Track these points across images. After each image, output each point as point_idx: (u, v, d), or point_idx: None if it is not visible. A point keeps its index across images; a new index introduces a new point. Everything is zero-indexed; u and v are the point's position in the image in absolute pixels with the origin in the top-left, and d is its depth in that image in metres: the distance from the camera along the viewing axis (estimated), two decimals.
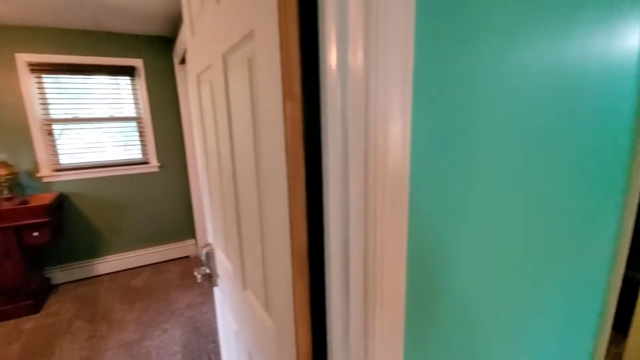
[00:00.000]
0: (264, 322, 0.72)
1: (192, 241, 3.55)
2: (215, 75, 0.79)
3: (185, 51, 2.56)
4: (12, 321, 2.47)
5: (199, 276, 1.14)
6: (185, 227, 3.52)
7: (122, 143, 3.13)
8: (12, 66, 2.60)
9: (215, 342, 2.19)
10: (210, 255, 1.14)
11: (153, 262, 3.39)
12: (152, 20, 2.64)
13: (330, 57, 0.42)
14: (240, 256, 0.83)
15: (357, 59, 0.39)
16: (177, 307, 2.60)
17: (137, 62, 2.98)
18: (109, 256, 3.20)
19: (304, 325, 0.56)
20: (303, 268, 0.55)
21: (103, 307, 2.64)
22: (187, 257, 3.54)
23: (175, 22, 2.70)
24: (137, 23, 2.68)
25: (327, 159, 0.46)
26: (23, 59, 2.62)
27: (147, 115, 3.10)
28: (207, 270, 1.15)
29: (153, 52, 3.04)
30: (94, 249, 3.13)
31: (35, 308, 2.57)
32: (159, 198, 3.33)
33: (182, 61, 2.90)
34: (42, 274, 2.91)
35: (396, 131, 0.41)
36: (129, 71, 2.97)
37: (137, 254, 3.31)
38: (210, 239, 1.18)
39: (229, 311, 1.08)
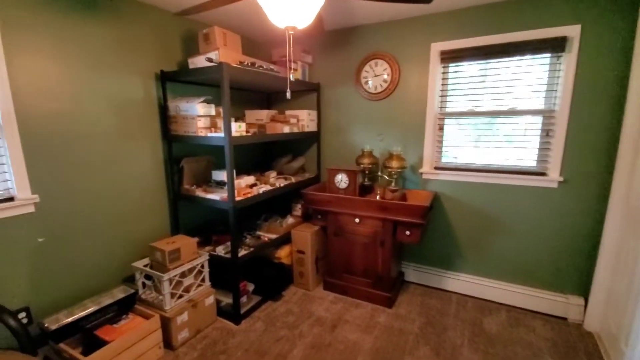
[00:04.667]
0: None
1: (577, 300, 2.33)
2: None
3: None
4: (370, 306, 2.58)
5: None
6: (570, 275, 2.35)
7: (514, 144, 2.42)
8: (425, 58, 2.56)
9: None
10: None
11: (511, 303, 2.56)
12: None
13: None
14: None
15: None
16: None
17: (572, 30, 2.05)
18: (460, 273, 2.73)
19: None
20: None
21: (450, 340, 2.17)
22: (564, 319, 2.38)
23: None
24: None
25: None
26: (436, 48, 2.49)
27: (564, 108, 2.15)
28: None
29: (600, 11, 1.98)
30: (447, 259, 2.77)
31: (389, 302, 2.54)
32: (547, 224, 2.36)
33: None
34: (400, 265, 2.93)
35: None
36: (553, 46, 2.12)
37: (493, 284, 2.60)
38: None
39: None
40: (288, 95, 1.72)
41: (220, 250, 2.40)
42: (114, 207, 2.17)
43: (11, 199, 1.68)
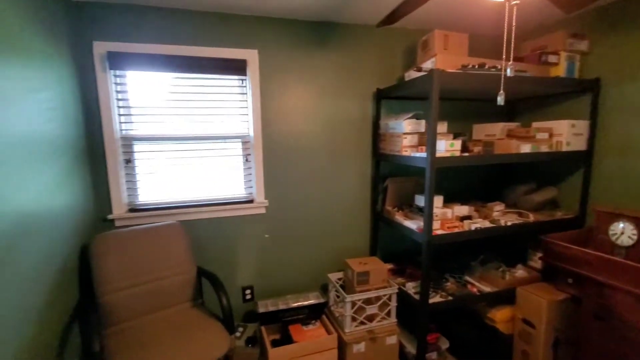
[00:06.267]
0: None
1: None
2: None
3: None
4: None
5: None
6: None
7: None
8: None
9: None
10: None
11: None
12: None
13: None
14: None
15: None
16: None
17: None
18: None
19: None
20: None
21: None
22: None
23: None
24: None
25: None
26: None
27: None
28: None
29: None
30: None
31: None
32: None
33: None
34: None
35: None
36: None
37: None
38: None
39: None
40: (499, 100, 1.16)
41: (410, 288, 2.08)
42: (323, 218, 2.38)
43: (251, 201, 2.20)
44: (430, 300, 1.93)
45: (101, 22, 1.83)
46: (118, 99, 1.93)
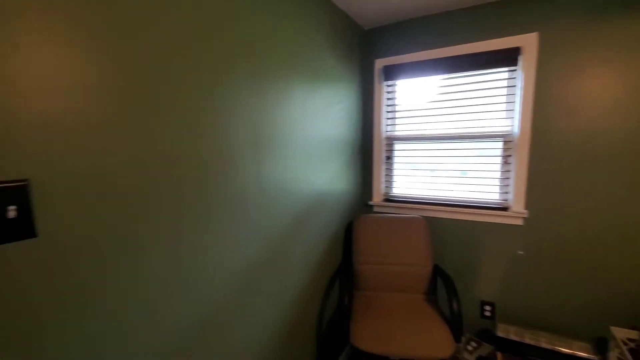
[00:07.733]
0: None
1: None
2: None
3: None
4: None
5: None
6: None
7: None
8: None
9: None
10: None
11: None
12: None
13: None
14: None
15: None
16: None
17: None
18: None
19: None
20: None
21: None
22: None
23: None
24: None
25: None
26: None
27: None
28: None
29: None
30: None
31: None
32: None
33: None
34: None
35: None
36: None
37: None
38: None
39: None
40: None
41: None
42: (614, 247, 1.69)
43: (505, 208, 1.91)
44: None
45: (379, 43, 2.17)
46: (387, 105, 2.25)
